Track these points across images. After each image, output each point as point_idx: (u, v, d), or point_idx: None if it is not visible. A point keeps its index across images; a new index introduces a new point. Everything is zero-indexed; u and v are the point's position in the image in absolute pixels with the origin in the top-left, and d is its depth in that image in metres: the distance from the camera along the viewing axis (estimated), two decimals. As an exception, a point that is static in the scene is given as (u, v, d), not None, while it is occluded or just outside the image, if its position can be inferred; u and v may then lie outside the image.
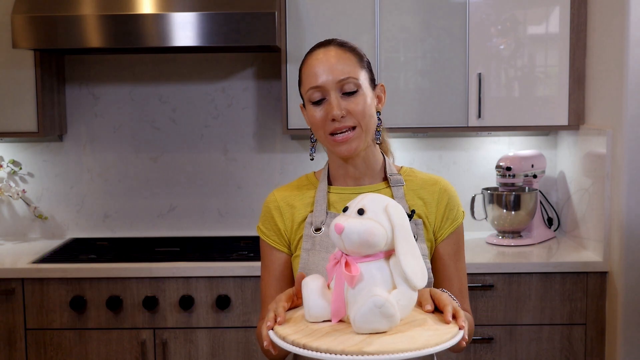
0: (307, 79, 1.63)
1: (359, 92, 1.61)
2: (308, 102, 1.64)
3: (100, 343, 2.88)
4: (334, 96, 1.60)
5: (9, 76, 3.09)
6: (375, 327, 1.30)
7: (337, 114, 1.58)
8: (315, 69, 1.62)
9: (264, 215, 1.73)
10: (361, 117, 1.60)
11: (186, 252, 3.13)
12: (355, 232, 1.32)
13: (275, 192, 1.74)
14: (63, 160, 3.43)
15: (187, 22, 2.84)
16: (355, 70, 1.62)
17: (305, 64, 1.65)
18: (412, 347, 1.25)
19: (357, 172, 1.69)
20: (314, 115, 1.62)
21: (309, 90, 1.62)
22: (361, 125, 1.61)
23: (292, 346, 1.30)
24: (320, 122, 1.62)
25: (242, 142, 3.42)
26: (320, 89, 1.61)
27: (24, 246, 3.28)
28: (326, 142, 1.64)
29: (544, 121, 3.09)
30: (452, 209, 1.69)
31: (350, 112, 1.60)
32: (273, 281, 1.71)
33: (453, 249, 1.69)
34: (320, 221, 1.66)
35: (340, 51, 1.63)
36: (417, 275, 1.33)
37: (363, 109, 1.60)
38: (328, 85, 1.60)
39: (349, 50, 1.64)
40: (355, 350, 1.24)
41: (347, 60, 1.62)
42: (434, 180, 1.71)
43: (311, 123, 1.65)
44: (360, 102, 1.61)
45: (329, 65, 1.61)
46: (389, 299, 1.29)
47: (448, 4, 3.03)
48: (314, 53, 1.65)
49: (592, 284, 2.88)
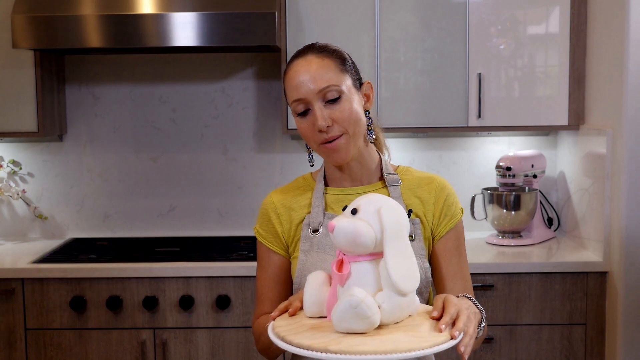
0: (290, 91, 1.61)
1: (342, 98, 1.59)
2: (295, 115, 1.63)
3: (100, 343, 2.88)
4: (317, 107, 1.58)
5: (9, 76, 3.10)
6: (351, 326, 1.30)
7: (322, 124, 1.57)
8: (295, 81, 1.59)
9: (262, 217, 1.73)
10: (347, 124, 1.59)
11: (186, 252, 3.13)
12: (342, 232, 1.33)
13: (272, 194, 1.74)
14: (63, 160, 3.43)
15: (187, 22, 2.84)
16: (336, 76, 1.59)
17: (287, 75, 1.63)
18: (377, 350, 1.24)
19: (352, 173, 1.69)
20: (300, 127, 1.62)
21: (293, 103, 1.61)
22: (348, 131, 1.59)
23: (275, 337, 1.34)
24: (309, 133, 1.61)
25: (242, 142, 3.42)
26: (302, 101, 1.59)
27: (24, 246, 3.28)
28: (319, 151, 1.64)
29: (544, 121, 3.09)
30: (450, 206, 1.68)
31: (335, 120, 1.58)
32: (270, 283, 1.71)
33: (454, 245, 1.68)
34: (318, 222, 1.66)
35: (319, 59, 1.61)
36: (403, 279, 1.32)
37: (349, 115, 1.59)
38: (309, 96, 1.58)
39: (328, 56, 1.62)
40: (320, 348, 1.26)
41: (327, 68, 1.60)
42: (431, 179, 1.71)
43: (301, 135, 1.64)
44: (345, 108, 1.59)
45: (309, 75, 1.58)
46: (366, 300, 1.28)
47: (448, 4, 3.03)
48: (293, 64, 1.63)
49: (592, 284, 2.88)
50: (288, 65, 1.65)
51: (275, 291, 1.71)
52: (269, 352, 1.67)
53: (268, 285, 1.71)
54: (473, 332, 1.37)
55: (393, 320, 1.35)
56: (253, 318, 1.74)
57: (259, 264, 1.74)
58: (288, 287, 1.73)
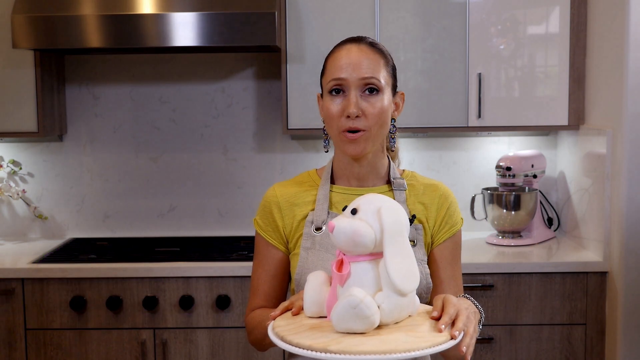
0: (332, 69, 1.62)
1: (378, 94, 1.61)
2: (327, 92, 1.63)
3: (100, 343, 2.88)
4: (354, 93, 1.59)
5: (9, 76, 3.10)
6: (351, 326, 1.30)
7: (353, 112, 1.58)
8: (341, 61, 1.61)
9: (263, 210, 1.73)
10: (374, 121, 1.60)
11: (186, 252, 3.13)
12: (342, 232, 1.33)
13: (276, 187, 1.74)
14: (63, 160, 3.43)
15: (187, 22, 2.84)
16: (380, 71, 1.61)
17: (333, 54, 1.65)
18: (377, 350, 1.24)
19: (361, 173, 1.69)
20: (330, 107, 1.62)
21: (331, 81, 1.61)
22: (372, 129, 1.60)
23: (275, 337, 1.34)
24: (336, 116, 1.61)
25: (242, 142, 3.42)
26: (342, 82, 1.60)
27: (24, 246, 3.28)
28: (337, 137, 1.63)
29: (544, 121, 3.09)
30: (451, 215, 1.70)
31: (365, 113, 1.59)
32: (266, 277, 1.71)
33: (450, 254, 1.69)
34: (322, 220, 1.66)
35: (370, 50, 1.63)
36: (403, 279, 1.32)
37: (379, 113, 1.60)
38: (352, 79, 1.59)
39: (378, 52, 1.64)
40: (320, 348, 1.26)
41: (375, 61, 1.62)
42: (435, 186, 1.72)
43: (326, 115, 1.64)
44: (378, 104, 1.60)
45: (357, 60, 1.60)
46: (365, 300, 1.29)
47: (448, 4, 3.03)
48: (344, 45, 1.65)
49: (592, 284, 2.88)
50: (338, 45, 1.66)
51: (271, 285, 1.71)
52: (261, 345, 1.69)
53: (264, 279, 1.71)
54: (473, 332, 1.37)
55: (393, 320, 1.35)
56: (247, 310, 1.74)
57: (256, 256, 1.74)
58: (284, 282, 1.73)
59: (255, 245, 1.75)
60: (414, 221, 1.48)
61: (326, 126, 1.67)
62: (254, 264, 1.74)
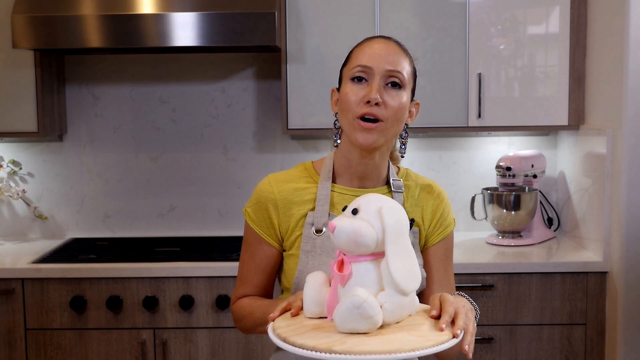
0: (359, 56, 1.63)
1: (401, 89, 1.61)
2: (348, 80, 1.62)
3: (100, 343, 2.88)
4: (377, 81, 1.60)
5: (9, 76, 3.10)
6: (354, 326, 1.30)
7: (376, 97, 1.57)
8: (370, 50, 1.62)
9: (257, 204, 1.70)
10: (392, 114, 1.60)
11: (186, 252, 3.13)
12: (343, 232, 1.33)
13: (272, 182, 1.71)
14: (63, 160, 3.43)
15: (187, 22, 2.84)
16: (405, 68, 1.62)
17: (361, 45, 1.66)
18: (382, 350, 1.24)
19: (365, 172, 1.67)
20: (349, 92, 1.61)
21: (356, 67, 1.61)
22: (388, 122, 1.60)
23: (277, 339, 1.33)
24: (354, 102, 1.60)
25: (242, 142, 3.42)
26: (367, 70, 1.60)
27: (24, 246, 3.28)
28: (351, 124, 1.61)
29: (544, 121, 3.09)
30: (445, 217, 1.72)
31: (386, 103, 1.59)
32: (257, 270, 1.70)
33: (443, 254, 1.70)
34: (322, 223, 1.64)
35: (398, 48, 1.65)
36: (405, 279, 1.32)
37: (398, 107, 1.60)
38: (376, 69, 1.60)
39: (405, 51, 1.66)
40: (325, 349, 1.25)
41: (401, 57, 1.63)
42: (430, 187, 1.73)
43: (343, 102, 1.62)
44: (398, 98, 1.60)
45: (384, 52, 1.61)
46: (369, 300, 1.29)
47: (448, 4, 3.03)
48: (373, 39, 1.66)
49: (592, 284, 2.88)
50: (367, 38, 1.67)
51: (260, 278, 1.70)
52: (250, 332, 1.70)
53: (254, 271, 1.70)
54: (473, 329, 1.38)
55: (394, 320, 1.35)
56: (232, 297, 1.73)
57: (246, 247, 1.71)
58: (274, 276, 1.73)
59: (245, 235, 1.72)
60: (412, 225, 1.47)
61: (340, 116, 1.65)
62: (244, 254, 1.72)
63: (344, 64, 1.68)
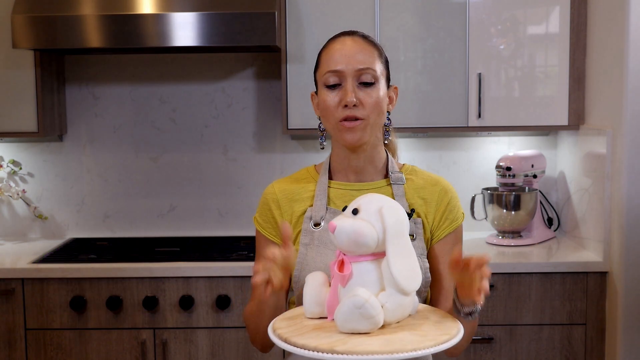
0: (327, 62, 1.64)
1: (374, 85, 1.62)
2: (322, 86, 1.64)
3: (100, 343, 2.88)
4: (350, 83, 1.61)
5: (9, 76, 3.10)
6: (355, 327, 1.30)
7: (351, 100, 1.59)
8: (336, 54, 1.63)
9: (262, 206, 1.74)
10: (371, 110, 1.61)
11: (186, 252, 3.13)
12: (344, 232, 1.33)
13: (274, 184, 1.75)
14: (63, 160, 3.43)
15: (187, 22, 2.84)
16: (374, 63, 1.63)
17: (327, 48, 1.67)
18: (384, 350, 1.24)
19: (359, 166, 1.69)
20: (326, 99, 1.63)
21: (327, 74, 1.63)
22: (369, 118, 1.61)
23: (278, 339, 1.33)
24: (332, 107, 1.62)
25: (242, 142, 3.42)
26: (337, 74, 1.62)
27: (24, 246, 3.28)
28: (335, 128, 1.64)
29: (544, 121, 3.09)
30: (452, 210, 1.69)
31: (363, 103, 1.61)
32: None
33: (451, 249, 1.69)
34: (320, 216, 1.66)
35: (364, 42, 1.65)
36: (406, 279, 1.32)
37: (376, 102, 1.61)
38: (347, 71, 1.61)
39: (372, 44, 1.67)
40: (327, 349, 1.25)
41: (369, 52, 1.64)
42: (436, 180, 1.72)
43: (322, 108, 1.65)
44: (374, 95, 1.62)
45: (352, 52, 1.62)
46: (370, 300, 1.28)
47: (448, 4, 3.03)
48: (337, 39, 1.67)
49: (592, 284, 2.88)
50: (330, 40, 1.68)
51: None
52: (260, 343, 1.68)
53: None
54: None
55: (395, 320, 1.35)
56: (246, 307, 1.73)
57: (257, 255, 1.74)
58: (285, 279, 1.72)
59: (256, 244, 1.75)
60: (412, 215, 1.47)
61: (323, 120, 1.68)
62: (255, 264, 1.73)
63: (315, 68, 1.69)
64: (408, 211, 1.47)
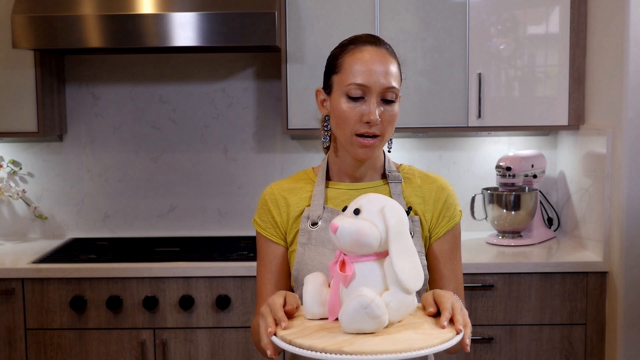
0: (353, 72, 1.60)
1: (395, 103, 1.62)
2: (343, 94, 1.61)
3: (100, 343, 2.88)
4: (375, 100, 1.59)
5: (9, 76, 3.10)
6: (361, 327, 1.30)
7: (375, 119, 1.58)
8: (367, 66, 1.59)
9: (261, 207, 1.73)
10: (388, 128, 1.61)
11: (186, 252, 3.13)
12: (347, 232, 1.33)
13: (272, 185, 1.74)
14: (63, 160, 3.43)
15: (187, 22, 2.84)
16: (397, 79, 1.63)
17: (352, 54, 1.62)
18: (393, 350, 1.24)
19: (357, 170, 1.69)
20: (345, 110, 1.60)
21: (352, 85, 1.59)
22: (385, 135, 1.62)
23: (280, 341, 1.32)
24: (352, 119, 1.60)
25: (242, 142, 3.42)
26: (364, 88, 1.59)
27: (24, 246, 3.28)
28: (349, 140, 1.62)
29: (544, 121, 3.09)
30: (449, 208, 1.69)
31: (382, 120, 1.60)
32: (269, 275, 1.70)
33: (449, 247, 1.69)
34: (317, 215, 1.66)
35: (392, 58, 1.63)
36: (410, 278, 1.32)
37: (393, 120, 1.62)
38: (376, 87, 1.59)
39: (397, 60, 1.65)
40: (335, 349, 1.25)
41: (394, 68, 1.62)
42: (433, 179, 1.72)
43: (338, 116, 1.62)
44: (394, 113, 1.62)
45: (382, 68, 1.60)
46: (376, 300, 1.28)
47: (448, 4, 3.03)
48: (367, 48, 1.62)
49: (592, 284, 2.88)
50: (355, 45, 1.63)
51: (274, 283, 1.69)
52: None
53: (268, 278, 1.70)
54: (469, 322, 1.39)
55: (398, 319, 1.35)
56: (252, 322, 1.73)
57: (259, 256, 1.73)
58: (287, 281, 1.72)
59: (257, 247, 1.74)
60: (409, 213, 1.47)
61: (335, 127, 1.64)
62: (258, 266, 1.73)
63: (333, 69, 1.65)
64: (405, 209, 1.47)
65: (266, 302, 1.42)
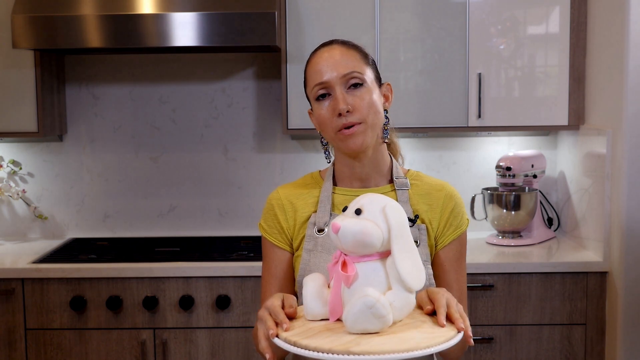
0: (312, 77, 1.63)
1: (363, 86, 1.61)
2: (314, 100, 1.64)
3: (100, 343, 2.88)
4: (339, 91, 1.60)
5: (9, 76, 3.10)
6: (366, 327, 1.29)
7: (343, 107, 1.58)
8: (319, 67, 1.62)
9: (267, 212, 1.72)
10: (366, 112, 1.59)
11: (186, 252, 3.13)
12: (349, 232, 1.32)
13: (279, 189, 1.73)
14: (63, 160, 3.43)
15: (187, 22, 2.84)
16: (359, 65, 1.62)
17: (310, 63, 1.66)
18: (400, 349, 1.24)
19: (363, 173, 1.68)
20: (320, 112, 1.62)
21: (314, 87, 1.62)
22: (367, 120, 1.60)
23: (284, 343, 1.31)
24: (327, 118, 1.61)
25: (242, 142, 3.42)
26: (325, 85, 1.61)
27: (24, 246, 3.28)
28: (335, 139, 1.62)
29: (544, 121, 3.09)
30: (456, 216, 1.68)
31: (355, 107, 1.59)
32: (274, 280, 1.70)
33: (455, 256, 1.68)
34: (324, 222, 1.65)
35: (344, 48, 1.64)
36: (413, 277, 1.32)
37: (369, 103, 1.60)
38: (333, 80, 1.60)
39: (352, 48, 1.65)
40: (342, 350, 1.24)
41: (350, 56, 1.63)
42: (441, 186, 1.70)
43: (319, 122, 1.64)
44: (366, 96, 1.60)
45: (333, 61, 1.61)
46: (380, 299, 1.28)
47: (448, 4, 3.03)
48: (317, 52, 1.66)
49: (592, 284, 2.88)
50: (311, 55, 1.68)
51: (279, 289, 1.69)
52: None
53: (273, 283, 1.69)
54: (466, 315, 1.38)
55: (401, 318, 1.35)
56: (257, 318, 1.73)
57: (264, 261, 1.72)
58: (293, 285, 1.71)
59: (262, 251, 1.73)
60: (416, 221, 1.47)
61: (322, 134, 1.66)
62: (263, 271, 1.72)
63: (304, 86, 1.68)
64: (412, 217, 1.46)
65: (264, 306, 1.41)
